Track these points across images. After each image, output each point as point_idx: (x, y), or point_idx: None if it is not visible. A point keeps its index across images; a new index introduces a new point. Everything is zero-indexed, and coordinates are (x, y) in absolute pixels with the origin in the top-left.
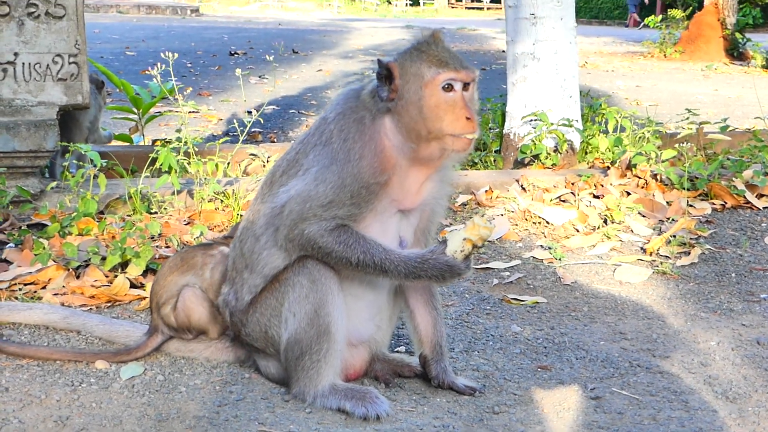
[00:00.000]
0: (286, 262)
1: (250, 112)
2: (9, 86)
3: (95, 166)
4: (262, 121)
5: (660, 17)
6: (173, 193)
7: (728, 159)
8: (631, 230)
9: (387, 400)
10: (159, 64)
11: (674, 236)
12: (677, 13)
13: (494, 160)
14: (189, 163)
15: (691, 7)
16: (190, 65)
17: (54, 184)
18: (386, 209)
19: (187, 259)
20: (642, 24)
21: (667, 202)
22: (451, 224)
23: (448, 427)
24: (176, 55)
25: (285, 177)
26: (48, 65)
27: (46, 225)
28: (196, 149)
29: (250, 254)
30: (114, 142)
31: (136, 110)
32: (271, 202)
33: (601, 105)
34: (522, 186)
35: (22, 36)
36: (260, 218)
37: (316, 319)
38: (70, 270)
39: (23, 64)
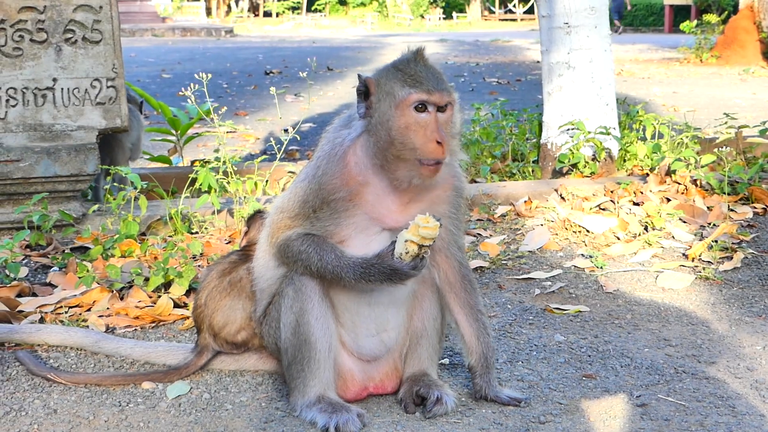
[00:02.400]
0: (273, 269)
1: (286, 131)
2: (49, 112)
3: (135, 188)
4: (299, 138)
5: (695, 22)
6: (213, 213)
7: None
8: (673, 236)
9: (361, 425)
10: (193, 84)
11: (716, 241)
12: (712, 17)
13: (532, 171)
14: (228, 183)
15: (726, 12)
16: (226, 86)
17: (96, 207)
18: (368, 227)
19: (234, 282)
20: (620, 29)
21: (708, 207)
22: (491, 235)
23: None
24: (210, 75)
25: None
26: (86, 90)
27: (89, 248)
28: (235, 168)
29: (257, 260)
30: (153, 164)
31: (174, 132)
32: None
33: (638, 112)
34: (561, 195)
35: (60, 62)
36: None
37: (298, 329)
38: (114, 291)
39: (62, 89)
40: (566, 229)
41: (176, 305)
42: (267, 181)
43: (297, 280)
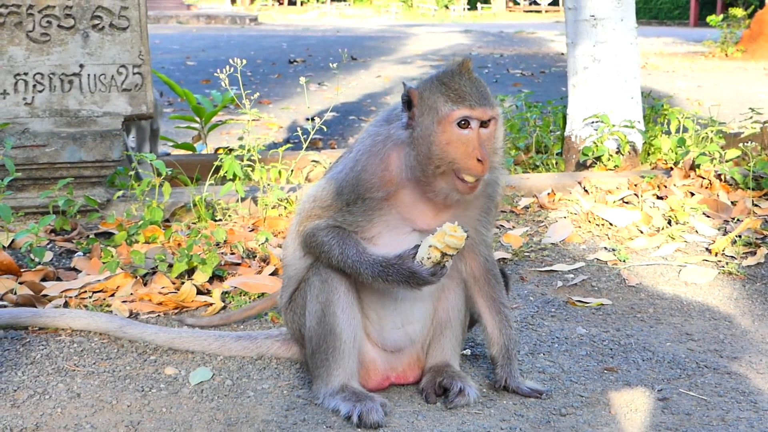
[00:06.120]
0: (300, 258)
1: (312, 119)
2: (75, 97)
3: (160, 175)
4: (325, 128)
5: (721, 16)
6: (237, 201)
7: None
8: (696, 231)
9: (383, 414)
10: (228, 68)
11: (740, 236)
12: (738, 11)
13: (556, 163)
14: (252, 171)
15: (752, 6)
16: (250, 74)
17: (120, 193)
18: (398, 226)
19: None
20: None
21: (732, 202)
22: (514, 227)
23: (515, 430)
24: (245, 60)
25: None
26: (113, 76)
27: (113, 233)
28: (259, 156)
29: (286, 248)
30: (177, 151)
31: (198, 119)
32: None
33: (663, 106)
34: (584, 188)
35: (87, 48)
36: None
37: (324, 318)
38: (138, 277)
39: (88, 75)
40: (589, 221)
41: (199, 292)
42: (291, 170)
43: (323, 271)
